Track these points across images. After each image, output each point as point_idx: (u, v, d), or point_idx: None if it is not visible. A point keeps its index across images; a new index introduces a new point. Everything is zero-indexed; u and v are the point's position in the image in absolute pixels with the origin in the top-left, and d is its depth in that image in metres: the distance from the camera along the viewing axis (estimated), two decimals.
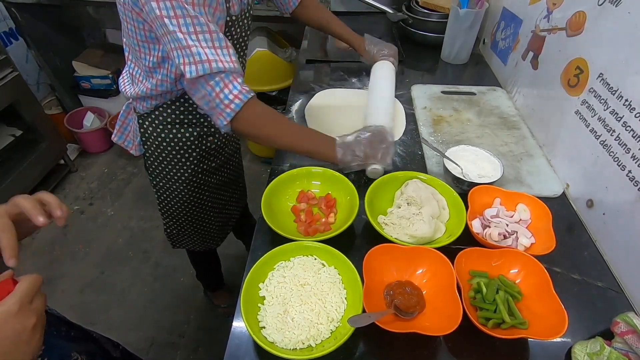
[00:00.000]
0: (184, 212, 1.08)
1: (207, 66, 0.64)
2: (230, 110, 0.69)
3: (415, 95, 1.14)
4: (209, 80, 0.67)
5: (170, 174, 0.98)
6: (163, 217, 1.12)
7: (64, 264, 1.81)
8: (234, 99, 0.68)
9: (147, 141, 0.93)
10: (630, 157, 0.66)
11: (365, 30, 1.13)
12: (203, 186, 1.05)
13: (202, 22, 0.64)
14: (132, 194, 2.16)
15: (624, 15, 0.69)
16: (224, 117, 0.70)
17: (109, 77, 2.28)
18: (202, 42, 0.64)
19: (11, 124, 1.97)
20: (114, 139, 0.99)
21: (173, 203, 1.06)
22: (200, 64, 0.64)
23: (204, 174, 1.03)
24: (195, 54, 0.64)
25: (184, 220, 1.11)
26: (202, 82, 0.67)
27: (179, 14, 0.62)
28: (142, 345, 1.52)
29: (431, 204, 0.74)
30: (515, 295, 0.62)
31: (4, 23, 2.03)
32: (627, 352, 0.54)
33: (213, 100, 0.68)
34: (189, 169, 0.98)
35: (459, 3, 1.18)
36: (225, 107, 0.69)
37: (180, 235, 1.17)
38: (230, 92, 0.68)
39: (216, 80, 0.67)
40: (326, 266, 0.66)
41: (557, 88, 0.88)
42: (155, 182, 1.02)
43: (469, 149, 0.86)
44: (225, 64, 0.66)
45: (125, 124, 0.98)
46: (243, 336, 0.60)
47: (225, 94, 0.68)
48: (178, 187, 1.01)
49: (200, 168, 1.00)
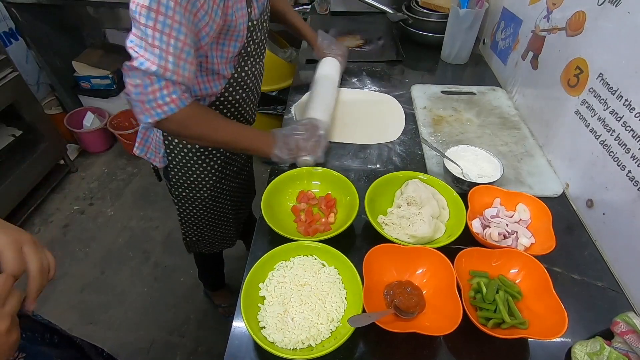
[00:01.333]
0: (205, 219, 1.07)
1: (159, 70, 0.62)
2: (161, 112, 0.66)
3: (415, 95, 1.14)
4: (152, 76, 0.63)
5: (194, 183, 0.97)
6: (183, 226, 1.11)
7: (64, 264, 1.81)
8: (170, 102, 0.66)
9: (172, 152, 0.91)
10: (630, 157, 0.66)
11: (366, 30, 1.14)
12: (226, 191, 1.05)
13: (182, 30, 0.62)
14: (132, 194, 2.16)
15: (624, 15, 0.69)
16: (151, 115, 0.67)
17: (109, 77, 2.28)
18: (170, 48, 0.62)
19: (11, 124, 1.97)
20: (135, 152, 0.98)
21: (195, 211, 1.05)
22: (158, 66, 0.62)
23: (227, 179, 1.03)
24: (157, 55, 0.62)
25: (205, 227, 1.10)
26: (144, 73, 0.63)
27: (162, 11, 0.59)
28: (142, 345, 1.52)
29: (431, 204, 0.74)
30: (515, 295, 0.62)
31: (4, 23, 2.03)
32: (627, 352, 0.54)
33: (148, 94, 0.64)
34: (214, 176, 0.97)
35: (459, 3, 1.18)
36: (159, 106, 0.66)
37: (200, 242, 1.17)
38: (169, 95, 0.65)
39: (160, 79, 0.64)
40: (326, 266, 0.66)
41: (557, 88, 0.88)
42: (177, 192, 1.00)
43: (469, 149, 0.86)
44: (179, 78, 0.64)
45: (145, 136, 0.96)
46: (243, 336, 0.60)
47: (162, 94, 0.65)
48: (202, 196, 1.00)
49: (224, 174, 1.00)
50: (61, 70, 2.25)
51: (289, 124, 1.02)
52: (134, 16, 0.61)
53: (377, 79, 1.22)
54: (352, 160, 0.93)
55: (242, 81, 0.86)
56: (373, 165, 0.91)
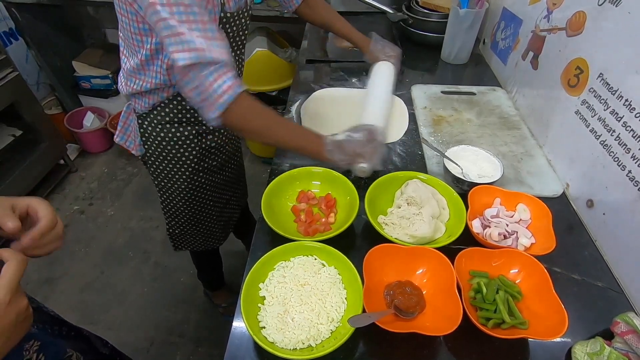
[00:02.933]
0: (186, 211, 1.08)
1: (200, 54, 0.63)
2: (223, 102, 0.68)
3: (415, 95, 1.14)
4: (202, 70, 0.65)
5: (171, 173, 0.99)
6: (166, 216, 1.13)
7: (64, 264, 1.81)
8: (227, 90, 0.67)
9: (147, 141, 0.93)
10: (630, 157, 0.66)
11: (365, 30, 1.13)
12: (205, 185, 1.05)
13: (195, 11, 0.63)
14: (132, 194, 2.16)
15: (624, 15, 0.69)
16: (216, 109, 0.68)
17: (109, 77, 2.28)
18: (194, 32, 0.63)
19: (11, 124, 1.96)
20: (116, 140, 0.99)
21: (175, 202, 1.06)
22: (194, 51, 0.63)
23: (205, 173, 1.03)
24: (188, 41, 0.63)
25: (187, 219, 1.11)
26: (194, 72, 0.66)
27: (172, 2, 0.61)
28: (142, 345, 1.52)
29: (431, 204, 0.74)
30: (515, 295, 0.62)
31: (4, 23, 2.03)
32: (627, 352, 0.54)
33: (205, 91, 0.67)
34: (189, 167, 0.98)
35: (459, 3, 1.18)
36: (218, 98, 0.67)
37: (183, 236, 1.17)
38: (224, 83, 0.67)
39: (210, 70, 0.65)
40: (326, 266, 0.66)
41: (557, 88, 0.88)
42: (157, 181, 1.03)
43: (469, 149, 0.86)
44: (217, 55, 0.65)
45: (126, 125, 0.98)
46: (243, 336, 0.60)
47: (218, 85, 0.66)
48: (180, 187, 1.01)
49: (201, 167, 1.01)
50: (61, 70, 2.25)
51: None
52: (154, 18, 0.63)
53: None
54: None
55: None
56: None
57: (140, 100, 0.87)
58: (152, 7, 0.62)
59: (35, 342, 0.57)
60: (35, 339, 0.57)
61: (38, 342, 0.57)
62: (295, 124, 0.83)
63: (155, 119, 0.89)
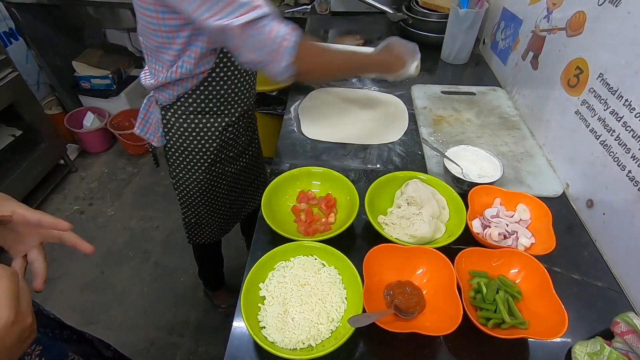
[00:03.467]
0: (202, 200, 1.10)
1: (257, 11, 0.64)
2: (289, 47, 0.67)
3: (415, 95, 1.14)
4: (258, 24, 0.65)
5: (190, 164, 1.00)
6: (182, 207, 1.13)
7: (64, 264, 1.81)
8: (287, 36, 0.67)
9: (170, 132, 0.95)
10: (630, 157, 0.66)
11: (365, 30, 1.13)
12: (221, 175, 1.07)
13: None
14: (132, 194, 2.16)
15: (624, 15, 0.69)
16: (285, 56, 0.68)
17: (109, 77, 2.28)
18: None
19: (11, 124, 1.96)
20: (135, 132, 1.01)
21: (192, 192, 1.07)
22: (252, 10, 0.64)
23: (222, 163, 1.05)
24: (244, 4, 0.63)
25: (202, 208, 1.12)
26: (250, 29, 0.65)
27: None
28: (142, 345, 1.52)
29: (431, 204, 0.74)
30: (515, 295, 0.62)
31: (4, 23, 2.03)
32: (627, 352, 0.54)
33: (268, 43, 0.67)
34: (209, 158, 0.99)
35: (459, 3, 1.18)
36: (283, 43, 0.67)
37: (198, 225, 1.18)
38: (280, 31, 0.67)
39: (264, 23, 0.66)
40: (326, 266, 0.66)
41: (557, 88, 0.88)
42: (175, 173, 1.04)
43: (469, 149, 0.86)
44: (267, 8, 0.66)
45: (146, 117, 0.99)
46: (243, 336, 0.60)
47: (278, 34, 0.67)
48: (198, 177, 1.03)
49: (219, 157, 1.02)
50: (61, 70, 2.25)
51: (289, 125, 1.03)
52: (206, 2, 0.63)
53: (378, 78, 1.22)
54: (352, 160, 0.93)
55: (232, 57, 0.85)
56: (373, 165, 0.91)
57: (165, 92, 0.88)
58: None
59: (37, 347, 0.57)
60: (37, 343, 0.57)
61: (40, 347, 0.57)
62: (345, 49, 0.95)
63: (179, 109, 0.90)
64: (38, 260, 0.55)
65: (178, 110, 0.91)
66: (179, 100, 0.89)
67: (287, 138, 0.99)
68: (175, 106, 0.90)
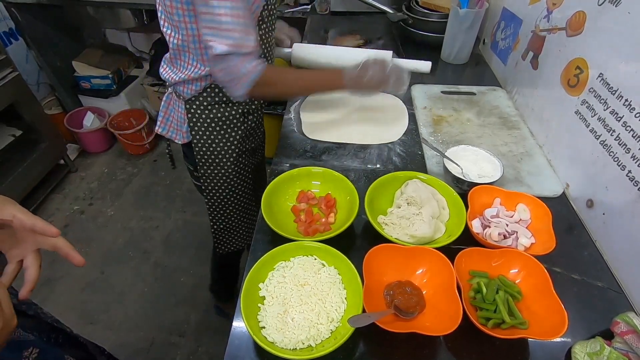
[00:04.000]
0: (231, 199, 1.09)
1: (235, 48, 0.73)
2: (248, 81, 0.79)
3: (415, 95, 1.14)
4: (232, 57, 0.75)
5: (218, 157, 1.00)
6: (210, 211, 1.12)
7: (64, 264, 1.80)
8: (251, 71, 0.78)
9: (196, 125, 0.95)
10: (630, 157, 0.66)
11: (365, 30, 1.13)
12: (247, 167, 1.08)
13: (240, 6, 0.72)
14: (132, 194, 2.16)
15: (624, 15, 0.69)
16: (242, 88, 0.80)
17: (109, 77, 2.28)
18: (236, 25, 0.72)
19: (11, 124, 1.97)
20: (157, 131, 1.03)
21: (221, 190, 1.07)
22: (231, 46, 0.73)
23: (246, 155, 1.06)
24: (228, 36, 0.72)
25: (231, 209, 1.12)
26: (224, 58, 0.75)
27: None
28: (142, 345, 1.52)
29: (431, 204, 0.74)
30: (515, 295, 0.62)
31: (4, 23, 2.03)
32: (627, 352, 0.54)
33: (231, 72, 0.77)
34: (236, 148, 1.01)
35: (459, 3, 1.18)
36: (243, 79, 0.78)
37: (227, 232, 1.17)
38: (249, 64, 0.77)
39: (238, 57, 0.76)
40: (326, 266, 0.66)
41: (557, 88, 0.88)
42: (203, 170, 1.03)
43: (469, 149, 0.86)
44: (249, 48, 0.76)
45: (167, 115, 1.01)
46: (243, 336, 0.60)
47: (243, 68, 0.77)
48: (226, 172, 1.03)
49: (244, 148, 1.03)
50: (61, 70, 2.25)
51: (289, 125, 1.03)
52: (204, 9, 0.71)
53: None
54: (352, 160, 0.93)
55: None
56: (373, 165, 0.91)
57: (192, 84, 0.89)
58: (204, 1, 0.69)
59: (34, 350, 0.57)
60: (34, 346, 0.57)
61: (37, 349, 0.57)
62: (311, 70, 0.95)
63: (205, 101, 0.92)
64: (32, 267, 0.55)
65: (204, 101, 0.92)
66: (205, 90, 0.90)
67: (287, 138, 0.99)
68: (201, 97, 0.91)
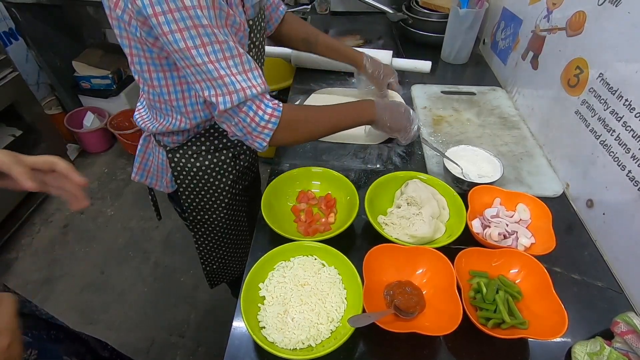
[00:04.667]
0: (224, 241, 1.01)
1: (242, 95, 0.61)
2: (269, 131, 0.66)
3: (415, 95, 1.14)
4: (242, 107, 0.63)
5: (208, 204, 0.90)
6: (201, 254, 1.03)
7: (64, 264, 1.81)
8: (270, 119, 0.65)
9: (180, 175, 0.84)
10: (630, 157, 0.66)
11: (365, 30, 1.13)
12: (240, 207, 0.99)
13: (231, 46, 0.59)
14: (132, 194, 2.16)
15: (624, 15, 0.69)
16: (263, 139, 0.67)
17: (109, 77, 2.28)
18: (232, 69, 0.60)
19: (11, 124, 1.96)
20: (134, 179, 0.92)
21: (212, 236, 0.98)
22: (235, 93, 0.61)
23: (240, 195, 0.96)
24: (229, 84, 0.60)
25: (224, 252, 1.03)
26: (234, 110, 0.63)
27: (206, 42, 0.57)
28: (142, 345, 1.52)
29: (431, 204, 0.74)
30: (515, 295, 0.62)
31: (4, 23, 2.03)
32: (627, 352, 0.54)
33: (249, 125, 0.65)
34: (228, 194, 0.91)
35: (459, 3, 1.18)
36: (263, 128, 0.66)
37: (221, 270, 1.10)
38: (265, 113, 0.65)
39: (248, 105, 0.63)
40: (326, 266, 0.66)
41: (557, 88, 0.88)
42: (192, 217, 0.92)
43: (469, 149, 0.86)
44: (258, 88, 0.63)
45: (145, 160, 0.90)
46: (243, 336, 0.60)
47: (260, 117, 0.65)
48: (217, 217, 0.94)
49: (237, 189, 0.94)
50: (61, 70, 2.25)
51: None
52: (185, 63, 0.59)
53: None
54: (352, 160, 0.93)
55: None
56: (373, 165, 0.91)
57: (172, 135, 0.79)
58: (184, 52, 0.57)
59: (33, 351, 0.56)
60: (32, 348, 0.57)
61: (35, 351, 0.57)
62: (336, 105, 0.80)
63: (189, 150, 0.81)
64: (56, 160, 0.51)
65: (189, 150, 0.81)
66: (189, 140, 0.80)
67: None
68: (185, 147, 0.81)
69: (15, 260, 1.83)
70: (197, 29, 0.55)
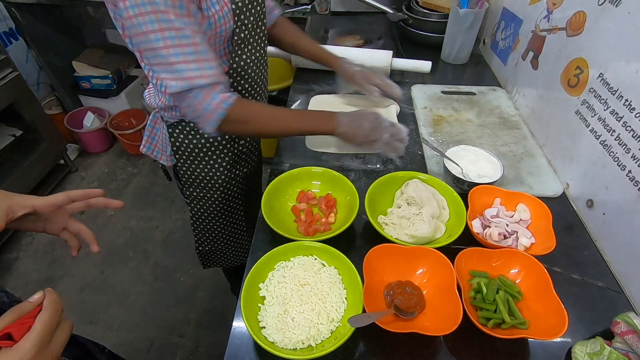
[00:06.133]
0: (217, 225, 1.04)
1: (190, 82, 0.65)
2: (215, 120, 0.71)
3: (415, 95, 1.14)
4: (189, 93, 0.68)
5: (204, 181, 0.95)
6: (195, 232, 1.08)
7: (64, 264, 1.81)
8: (216, 109, 0.70)
9: (179, 150, 0.90)
10: (630, 157, 0.66)
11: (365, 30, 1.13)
12: (237, 195, 1.02)
13: (187, 34, 0.63)
14: (132, 194, 2.16)
15: (624, 15, 0.69)
16: (210, 125, 0.72)
17: (109, 77, 2.28)
18: (187, 57, 0.64)
19: (11, 124, 1.97)
20: (142, 150, 0.97)
21: (207, 215, 1.02)
22: (184, 80, 0.65)
23: (237, 182, 1.00)
24: (179, 70, 0.64)
25: (217, 234, 1.07)
26: (183, 95, 0.68)
27: (164, 27, 0.61)
28: (142, 345, 1.52)
29: (431, 204, 0.74)
30: (515, 295, 0.62)
31: (4, 23, 2.03)
32: (627, 352, 0.54)
33: (196, 110, 0.70)
34: (222, 174, 0.95)
35: (459, 3, 1.18)
36: (209, 115, 0.70)
37: (213, 253, 1.13)
38: (212, 101, 0.69)
39: (195, 92, 0.68)
40: (326, 266, 0.66)
41: (557, 88, 0.88)
42: (188, 192, 0.98)
43: (469, 149, 0.86)
44: (208, 79, 0.67)
45: (152, 134, 0.95)
46: (243, 336, 0.60)
47: (205, 106, 0.69)
48: (212, 196, 0.98)
49: (233, 174, 0.97)
50: (61, 70, 2.25)
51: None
52: (145, 46, 0.63)
53: None
54: (352, 160, 0.93)
55: (242, 71, 0.82)
56: (373, 165, 0.91)
57: (171, 110, 0.84)
58: (144, 36, 0.61)
59: None
60: None
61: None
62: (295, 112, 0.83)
63: (187, 126, 0.86)
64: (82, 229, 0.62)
65: (187, 126, 0.86)
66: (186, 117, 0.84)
67: (287, 138, 0.99)
68: (182, 123, 0.86)
69: (15, 260, 1.83)
70: (157, 14, 0.60)
